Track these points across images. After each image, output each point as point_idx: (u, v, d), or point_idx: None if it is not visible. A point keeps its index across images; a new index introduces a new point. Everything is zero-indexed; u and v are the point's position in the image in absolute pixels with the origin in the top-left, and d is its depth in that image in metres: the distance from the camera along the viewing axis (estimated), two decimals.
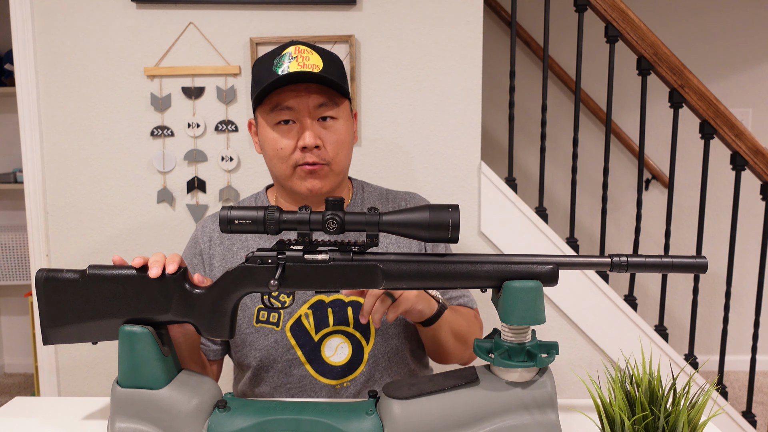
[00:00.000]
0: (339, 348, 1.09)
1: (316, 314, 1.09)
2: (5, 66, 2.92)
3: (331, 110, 1.06)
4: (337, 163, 1.07)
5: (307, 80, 1.02)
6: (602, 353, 1.73)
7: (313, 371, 1.09)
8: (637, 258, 0.80)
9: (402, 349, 1.12)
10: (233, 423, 0.81)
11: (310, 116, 1.04)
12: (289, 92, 1.03)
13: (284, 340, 1.08)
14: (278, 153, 1.05)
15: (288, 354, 1.08)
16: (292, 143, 1.04)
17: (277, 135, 1.05)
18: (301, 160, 1.04)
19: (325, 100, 1.04)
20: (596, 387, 0.76)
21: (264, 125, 1.07)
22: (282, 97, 1.03)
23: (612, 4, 1.71)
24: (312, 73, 1.00)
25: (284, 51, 1.04)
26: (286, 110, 1.04)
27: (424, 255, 0.82)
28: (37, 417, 0.95)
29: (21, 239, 2.97)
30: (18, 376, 3.14)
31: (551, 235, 1.71)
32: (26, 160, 1.62)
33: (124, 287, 0.84)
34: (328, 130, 1.06)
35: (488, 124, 2.81)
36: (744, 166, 1.80)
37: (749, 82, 3.06)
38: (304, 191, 1.07)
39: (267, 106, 1.05)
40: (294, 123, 1.05)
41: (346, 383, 1.09)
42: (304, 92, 1.03)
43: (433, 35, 1.60)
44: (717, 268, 3.05)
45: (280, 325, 1.08)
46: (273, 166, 1.09)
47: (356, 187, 1.20)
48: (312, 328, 1.09)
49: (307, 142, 1.03)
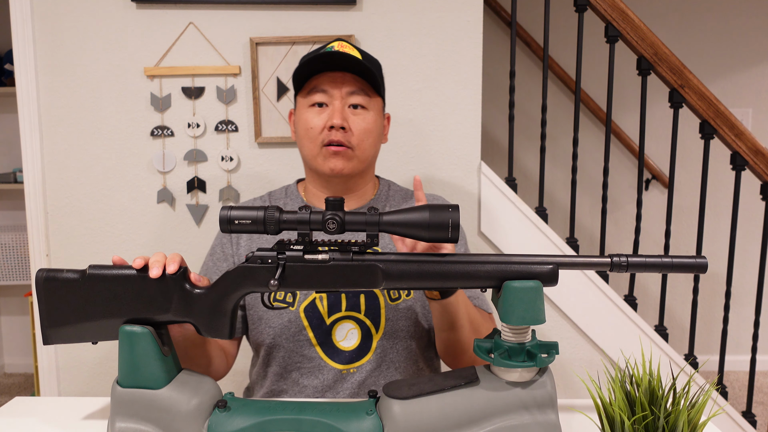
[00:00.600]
0: (349, 333, 1.11)
1: (329, 298, 1.11)
2: (5, 66, 2.92)
3: (363, 99, 1.11)
4: (362, 150, 1.11)
5: (345, 67, 1.09)
6: (602, 353, 1.73)
7: (323, 354, 1.10)
8: (637, 258, 0.80)
9: (411, 346, 1.13)
10: (233, 423, 0.81)
11: (342, 100, 1.10)
12: (326, 77, 1.10)
13: (297, 320, 1.10)
14: (308, 132, 1.11)
15: (300, 335, 1.10)
16: (321, 124, 1.09)
17: (309, 115, 1.11)
18: (327, 139, 1.09)
19: (357, 89, 1.10)
20: (596, 387, 0.76)
21: (300, 108, 1.13)
22: (319, 81, 1.10)
23: (612, 4, 1.71)
24: (348, 55, 1.06)
25: (329, 44, 1.13)
26: (321, 93, 1.10)
27: (424, 255, 0.82)
28: (37, 417, 0.95)
29: (21, 239, 2.97)
30: (18, 376, 3.14)
31: (551, 235, 1.71)
32: (26, 160, 1.62)
33: (124, 287, 0.84)
34: (356, 117, 1.11)
35: (488, 124, 2.81)
36: (744, 166, 1.80)
37: (749, 82, 3.06)
38: (326, 171, 1.11)
39: (305, 90, 1.12)
40: (326, 107, 1.10)
41: (353, 369, 1.11)
42: (339, 78, 1.10)
43: (433, 35, 1.60)
44: (717, 268, 3.05)
45: (295, 305, 1.11)
46: (302, 147, 1.14)
47: (383, 184, 1.24)
48: (325, 311, 1.11)
49: (335, 121, 1.08)
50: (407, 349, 1.13)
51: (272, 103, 1.60)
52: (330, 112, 1.09)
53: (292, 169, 1.64)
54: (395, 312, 1.12)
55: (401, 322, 1.12)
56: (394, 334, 1.11)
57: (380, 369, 1.11)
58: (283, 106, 1.60)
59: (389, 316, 1.11)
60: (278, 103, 1.60)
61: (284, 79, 1.59)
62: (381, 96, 1.15)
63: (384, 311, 1.11)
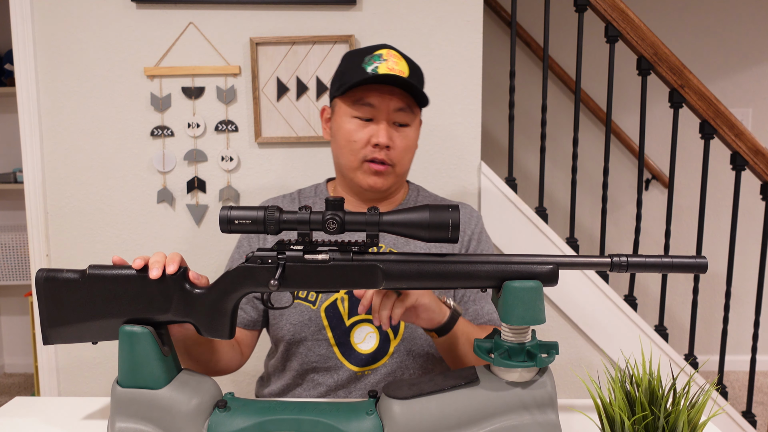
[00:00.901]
0: (368, 337, 1.11)
1: (351, 300, 1.11)
2: (5, 66, 2.92)
3: (407, 117, 1.11)
4: (401, 166, 1.13)
5: (395, 83, 1.07)
6: (602, 353, 1.73)
7: (340, 354, 1.11)
8: (637, 258, 0.80)
9: (428, 354, 1.13)
10: (233, 423, 0.81)
11: (388, 117, 1.09)
12: (374, 90, 1.08)
13: (318, 319, 1.11)
14: (350, 144, 1.10)
15: (319, 334, 1.11)
16: (365, 138, 1.09)
17: (352, 127, 1.10)
18: (369, 155, 1.09)
19: (404, 106, 1.10)
20: (596, 387, 0.76)
21: (342, 114, 1.11)
22: (366, 93, 1.08)
23: (612, 4, 1.71)
24: (400, 77, 1.05)
25: (376, 51, 1.10)
26: (368, 106, 1.09)
27: (424, 255, 0.82)
28: (37, 417, 0.95)
29: (21, 239, 2.97)
30: (18, 376, 3.14)
31: (551, 235, 1.71)
32: (26, 160, 1.62)
33: (124, 287, 0.84)
34: (399, 134, 1.11)
35: (488, 124, 2.81)
36: (744, 166, 1.80)
37: (749, 82, 3.06)
38: (365, 186, 1.12)
39: (350, 98, 1.10)
40: (370, 120, 1.10)
41: (368, 371, 1.11)
42: (387, 94, 1.08)
43: (433, 35, 1.60)
44: (717, 268, 3.05)
45: (317, 304, 1.11)
46: (341, 155, 1.13)
47: (412, 189, 1.25)
48: (345, 313, 1.11)
49: (380, 140, 1.08)
50: (423, 356, 1.13)
51: (272, 103, 1.60)
52: (375, 130, 1.08)
53: (292, 169, 1.64)
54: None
55: (419, 330, 1.12)
56: (412, 340, 1.12)
57: (395, 374, 1.12)
58: (283, 106, 1.60)
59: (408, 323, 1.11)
60: (278, 103, 1.60)
61: (284, 79, 1.59)
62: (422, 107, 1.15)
63: None
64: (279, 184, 1.64)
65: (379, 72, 1.05)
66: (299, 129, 1.61)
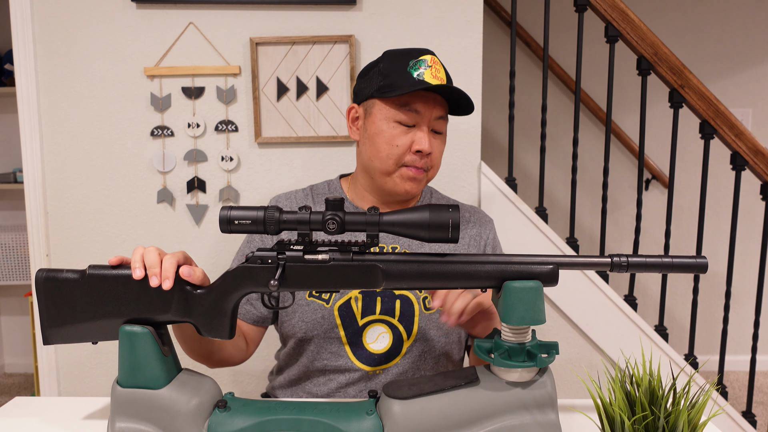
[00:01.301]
0: (380, 337, 1.11)
1: (365, 300, 1.11)
2: (5, 66, 2.92)
3: (444, 125, 1.14)
4: (434, 171, 1.15)
5: (444, 93, 1.09)
6: (602, 353, 1.73)
7: (352, 354, 1.11)
8: (637, 258, 0.80)
9: (440, 356, 1.14)
10: (233, 423, 0.81)
11: (429, 125, 1.10)
12: (420, 97, 1.09)
13: (331, 318, 1.11)
14: (391, 149, 1.09)
15: (332, 332, 1.11)
16: (407, 143, 1.09)
17: (396, 132, 1.09)
18: (410, 162, 1.10)
19: (444, 114, 1.13)
20: (596, 387, 0.76)
21: (382, 117, 1.10)
22: (412, 99, 1.08)
23: (612, 4, 1.71)
24: (454, 88, 1.07)
25: (421, 57, 1.10)
26: (413, 112, 1.09)
27: (424, 255, 0.82)
28: (37, 417, 0.95)
29: (21, 239, 2.97)
30: (18, 376, 3.14)
31: (551, 235, 1.71)
32: (26, 160, 1.62)
33: (124, 287, 0.84)
34: (437, 140, 1.13)
35: (488, 124, 2.81)
36: (744, 166, 1.80)
37: (749, 82, 3.06)
38: (401, 191, 1.12)
39: (394, 102, 1.09)
40: (412, 126, 1.10)
41: (379, 371, 1.12)
42: (431, 101, 1.10)
43: (433, 35, 1.60)
44: (717, 268, 3.05)
45: (330, 302, 1.11)
46: (377, 158, 1.11)
47: (425, 191, 1.26)
48: (359, 312, 1.11)
49: (424, 147, 1.08)
50: (435, 359, 1.14)
51: (272, 103, 1.60)
52: (418, 137, 1.09)
53: (291, 169, 1.64)
54: (428, 321, 1.12)
55: (433, 331, 1.12)
56: (425, 342, 1.12)
57: (407, 374, 1.12)
58: (283, 106, 1.60)
59: (422, 324, 1.12)
60: (278, 103, 1.60)
61: (284, 79, 1.59)
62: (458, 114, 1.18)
63: (417, 319, 1.12)
64: (279, 184, 1.64)
65: (424, 78, 1.06)
66: (299, 129, 1.61)
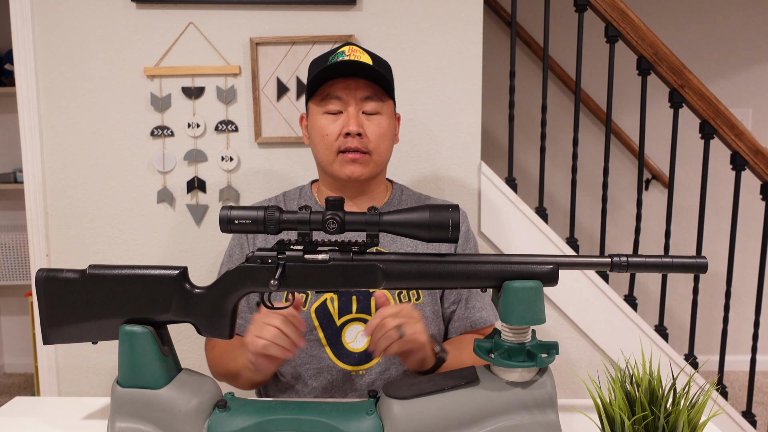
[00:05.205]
0: (359, 336, 1.12)
1: (341, 300, 1.12)
2: (5, 66, 2.92)
3: (376, 104, 1.13)
4: (378, 154, 1.14)
5: (357, 73, 1.10)
6: (602, 353, 1.73)
7: (333, 355, 1.11)
8: (637, 258, 0.80)
9: None
10: (233, 423, 0.81)
11: (356, 106, 1.11)
12: (339, 84, 1.11)
13: (309, 320, 1.11)
14: (324, 139, 1.12)
15: (311, 335, 1.11)
16: (336, 130, 1.11)
17: (324, 122, 1.12)
18: (343, 146, 1.11)
19: (371, 94, 1.12)
20: (596, 387, 0.76)
21: (314, 114, 1.14)
22: (332, 89, 1.11)
23: (612, 4, 1.71)
24: (361, 62, 1.08)
25: (339, 49, 1.13)
26: (335, 100, 1.11)
27: (424, 255, 0.82)
28: (37, 417, 0.95)
29: (21, 239, 2.97)
30: (18, 376, 3.14)
31: (551, 235, 1.71)
32: (26, 160, 1.62)
33: (124, 287, 0.84)
34: (371, 122, 1.13)
35: (488, 124, 2.81)
36: (744, 166, 1.80)
37: (749, 82, 3.06)
38: (344, 176, 1.13)
39: (318, 97, 1.13)
40: (341, 113, 1.12)
41: (362, 371, 1.12)
42: (352, 85, 1.11)
43: (433, 35, 1.60)
44: (717, 268, 3.05)
45: (307, 305, 1.12)
46: (318, 153, 1.15)
47: (396, 189, 1.26)
48: (335, 313, 1.12)
49: (351, 128, 1.09)
50: None
51: (272, 103, 1.60)
52: (345, 119, 1.11)
53: (291, 169, 1.64)
54: None
55: None
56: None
57: (389, 372, 1.12)
58: (283, 106, 1.60)
59: None
60: (278, 103, 1.60)
61: (284, 79, 1.59)
62: (392, 98, 1.17)
63: None
64: (279, 184, 1.64)
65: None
66: (299, 129, 1.61)
